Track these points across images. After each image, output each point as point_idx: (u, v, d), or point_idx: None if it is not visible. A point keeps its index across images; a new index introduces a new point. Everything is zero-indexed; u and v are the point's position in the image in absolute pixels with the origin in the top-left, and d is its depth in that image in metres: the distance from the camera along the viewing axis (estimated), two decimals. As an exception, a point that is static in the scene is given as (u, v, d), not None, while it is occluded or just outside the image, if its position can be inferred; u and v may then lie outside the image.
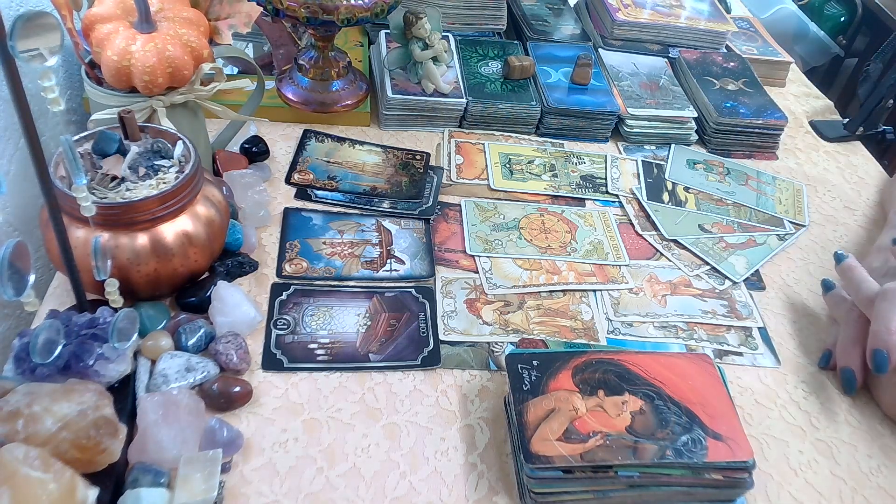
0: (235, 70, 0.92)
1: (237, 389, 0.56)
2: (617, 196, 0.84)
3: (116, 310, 0.53)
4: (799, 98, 1.10)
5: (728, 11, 1.21)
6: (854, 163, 0.97)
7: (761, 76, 1.03)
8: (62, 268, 0.56)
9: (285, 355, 0.61)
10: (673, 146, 0.93)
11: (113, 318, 0.51)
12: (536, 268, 0.73)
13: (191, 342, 0.58)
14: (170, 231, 0.58)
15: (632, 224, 0.80)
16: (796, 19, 1.50)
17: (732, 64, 1.03)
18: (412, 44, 0.86)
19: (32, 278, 0.45)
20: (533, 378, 0.55)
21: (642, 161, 0.90)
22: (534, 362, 0.56)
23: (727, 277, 0.75)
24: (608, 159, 0.89)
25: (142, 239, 0.57)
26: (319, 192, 0.78)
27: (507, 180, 0.84)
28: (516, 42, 1.03)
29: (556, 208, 0.81)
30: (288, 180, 0.79)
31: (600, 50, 1.04)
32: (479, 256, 0.73)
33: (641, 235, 0.79)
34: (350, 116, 0.88)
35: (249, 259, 0.68)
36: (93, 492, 0.45)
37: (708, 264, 0.76)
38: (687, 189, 0.86)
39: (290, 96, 0.87)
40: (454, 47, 0.97)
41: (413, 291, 0.68)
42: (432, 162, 0.85)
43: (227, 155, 0.77)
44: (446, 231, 0.76)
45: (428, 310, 0.66)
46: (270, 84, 0.87)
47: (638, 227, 0.80)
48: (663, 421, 0.52)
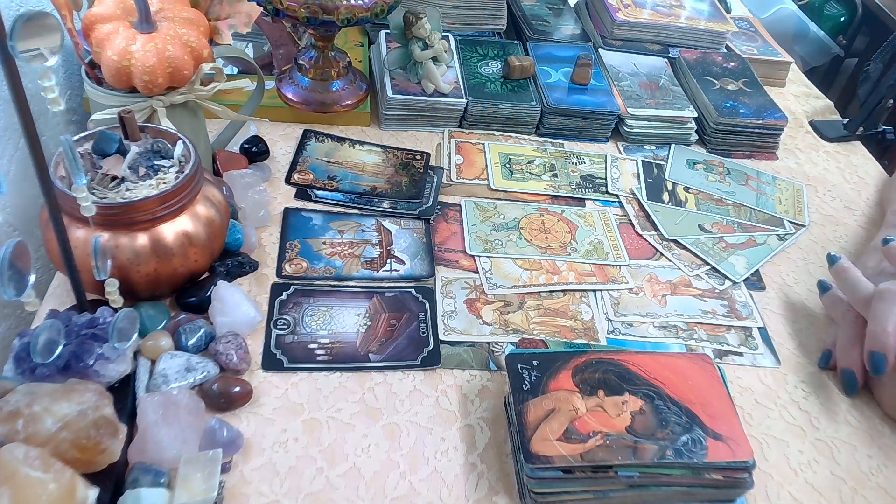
0: (235, 70, 0.92)
1: (237, 389, 0.56)
2: (617, 196, 0.84)
3: (116, 310, 0.53)
4: (799, 98, 1.10)
5: (728, 11, 1.21)
6: (854, 163, 0.97)
7: (761, 76, 1.03)
8: (62, 268, 0.56)
9: (285, 355, 0.61)
10: (673, 146, 0.93)
11: (113, 318, 0.51)
12: (536, 268, 0.73)
13: (191, 342, 0.58)
14: (170, 231, 0.58)
15: (632, 224, 0.80)
16: (796, 19, 1.50)
17: (732, 64, 1.03)
18: (412, 44, 0.86)
19: (32, 278, 0.45)
20: (533, 378, 0.55)
21: (642, 161, 0.90)
22: (534, 362, 0.56)
23: (727, 277, 0.75)
24: (608, 159, 0.89)
25: (142, 239, 0.57)
26: (319, 192, 0.78)
27: (507, 180, 0.84)
28: (516, 42, 1.03)
29: (556, 208, 0.81)
30: (288, 180, 0.79)
31: (600, 50, 1.04)
32: (479, 256, 0.73)
33: (641, 235, 0.79)
34: (350, 116, 0.88)
35: (249, 259, 0.68)
36: (93, 492, 0.45)
37: (708, 264, 0.76)
38: (687, 189, 0.86)
39: (290, 96, 0.87)
40: (454, 47, 0.97)
41: (413, 291, 0.68)
42: (432, 162, 0.85)
43: (227, 155, 0.77)
44: (446, 231, 0.76)
45: (428, 310, 0.66)
46: (270, 84, 0.87)
47: (638, 227, 0.80)
48: (663, 421, 0.52)
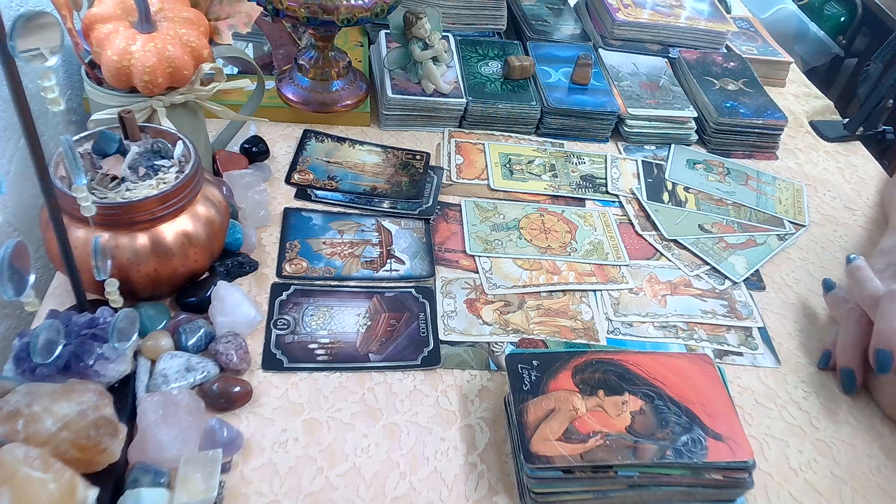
0: (235, 70, 0.92)
1: (237, 389, 0.56)
2: (617, 196, 0.84)
3: (116, 310, 0.53)
4: (799, 98, 1.10)
5: (728, 11, 1.21)
6: (854, 163, 0.97)
7: (761, 76, 1.03)
8: (62, 268, 0.56)
9: (285, 355, 0.61)
10: (673, 146, 0.93)
11: (113, 318, 0.51)
12: (536, 268, 0.73)
13: (191, 342, 0.58)
14: (170, 231, 0.58)
15: (632, 224, 0.80)
16: (796, 19, 1.50)
17: (732, 64, 1.03)
18: (412, 44, 0.86)
19: (32, 278, 0.45)
20: (533, 378, 0.55)
21: (642, 161, 0.90)
22: (534, 362, 0.56)
23: (727, 277, 0.75)
24: (608, 159, 0.89)
25: (142, 239, 0.57)
26: (319, 192, 0.78)
27: (507, 180, 0.84)
28: (516, 42, 1.03)
29: (556, 208, 0.81)
30: (288, 180, 0.79)
31: (600, 50, 1.04)
32: (479, 256, 0.73)
33: (641, 235, 0.79)
34: (350, 116, 0.88)
35: (249, 259, 0.68)
36: (93, 492, 0.45)
37: (708, 264, 0.76)
38: (687, 189, 0.86)
39: (290, 96, 0.87)
40: (454, 47, 0.97)
41: (413, 291, 0.68)
42: (432, 162, 0.85)
43: (227, 155, 0.77)
44: (446, 231, 0.76)
45: (428, 310, 0.66)
46: (270, 84, 0.87)
47: (638, 227, 0.80)
48: (663, 421, 0.52)
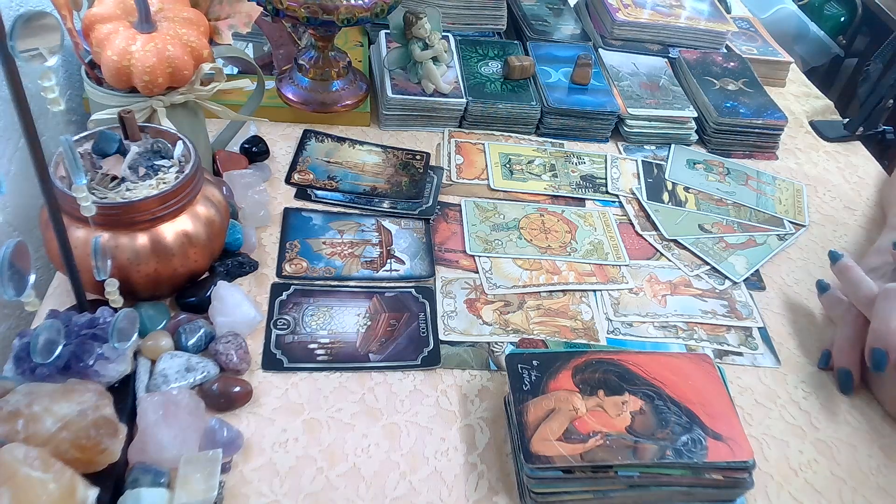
0: (235, 70, 0.92)
1: (237, 389, 0.56)
2: (617, 196, 0.84)
3: (116, 310, 0.53)
4: (799, 98, 1.10)
5: (728, 11, 1.21)
6: (854, 163, 0.97)
7: (761, 76, 1.03)
8: (62, 268, 0.56)
9: (285, 355, 0.61)
10: (673, 146, 0.93)
11: (113, 318, 0.51)
12: (536, 268, 0.73)
13: (191, 342, 0.58)
14: (170, 231, 0.58)
15: (632, 224, 0.80)
16: (796, 19, 1.50)
17: (732, 64, 1.03)
18: (412, 44, 0.86)
19: (32, 278, 0.45)
20: (533, 378, 0.55)
21: (642, 161, 0.90)
22: (534, 362, 0.56)
23: (727, 277, 0.75)
24: (608, 159, 0.89)
25: (142, 239, 0.57)
26: (319, 192, 0.78)
27: (507, 180, 0.84)
28: (516, 42, 1.03)
29: (556, 208, 0.81)
30: (288, 180, 0.79)
31: (600, 50, 1.04)
32: (479, 256, 0.73)
33: (641, 235, 0.79)
34: (350, 116, 0.88)
35: (249, 259, 0.68)
36: (93, 492, 0.45)
37: (708, 264, 0.76)
38: (687, 189, 0.86)
39: (290, 96, 0.87)
40: (454, 47, 0.97)
41: (413, 291, 0.68)
42: (432, 162, 0.85)
43: (227, 155, 0.77)
44: (446, 231, 0.76)
45: (428, 310, 0.66)
46: (270, 84, 0.87)
47: (638, 227, 0.80)
48: (663, 421, 0.52)
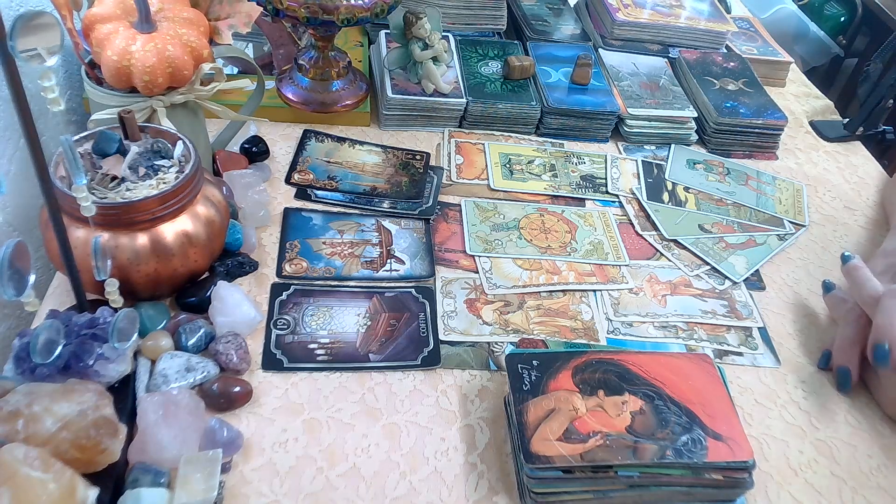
0: (235, 70, 0.92)
1: (237, 389, 0.56)
2: (617, 196, 0.84)
3: (116, 310, 0.53)
4: (799, 98, 1.10)
5: (728, 11, 1.21)
6: (854, 163, 0.97)
7: (761, 76, 1.03)
8: (62, 268, 0.56)
9: (285, 355, 0.61)
10: (673, 146, 0.93)
11: (113, 318, 0.51)
12: (536, 268, 0.73)
13: (191, 342, 0.58)
14: (170, 231, 0.58)
15: (632, 224, 0.80)
16: (796, 19, 1.50)
17: (732, 64, 1.03)
18: (412, 44, 0.86)
19: (32, 278, 0.45)
20: (533, 378, 0.55)
21: (642, 161, 0.90)
22: (534, 362, 0.56)
23: (727, 277, 0.75)
24: (608, 159, 0.89)
25: (142, 239, 0.57)
26: (319, 192, 0.78)
27: (507, 180, 0.84)
28: (516, 42, 1.03)
29: (556, 208, 0.81)
30: (288, 180, 0.79)
31: (600, 50, 1.04)
32: (479, 256, 0.73)
33: (641, 235, 0.79)
34: (350, 116, 0.88)
35: (249, 259, 0.68)
36: (93, 492, 0.45)
37: (708, 264, 0.76)
38: (687, 189, 0.86)
39: (290, 96, 0.87)
40: (454, 47, 0.97)
41: (413, 291, 0.68)
42: (432, 162, 0.85)
43: (227, 155, 0.77)
44: (446, 231, 0.76)
45: (428, 310, 0.66)
46: (270, 84, 0.87)
47: (638, 227, 0.80)
48: (663, 421, 0.52)
